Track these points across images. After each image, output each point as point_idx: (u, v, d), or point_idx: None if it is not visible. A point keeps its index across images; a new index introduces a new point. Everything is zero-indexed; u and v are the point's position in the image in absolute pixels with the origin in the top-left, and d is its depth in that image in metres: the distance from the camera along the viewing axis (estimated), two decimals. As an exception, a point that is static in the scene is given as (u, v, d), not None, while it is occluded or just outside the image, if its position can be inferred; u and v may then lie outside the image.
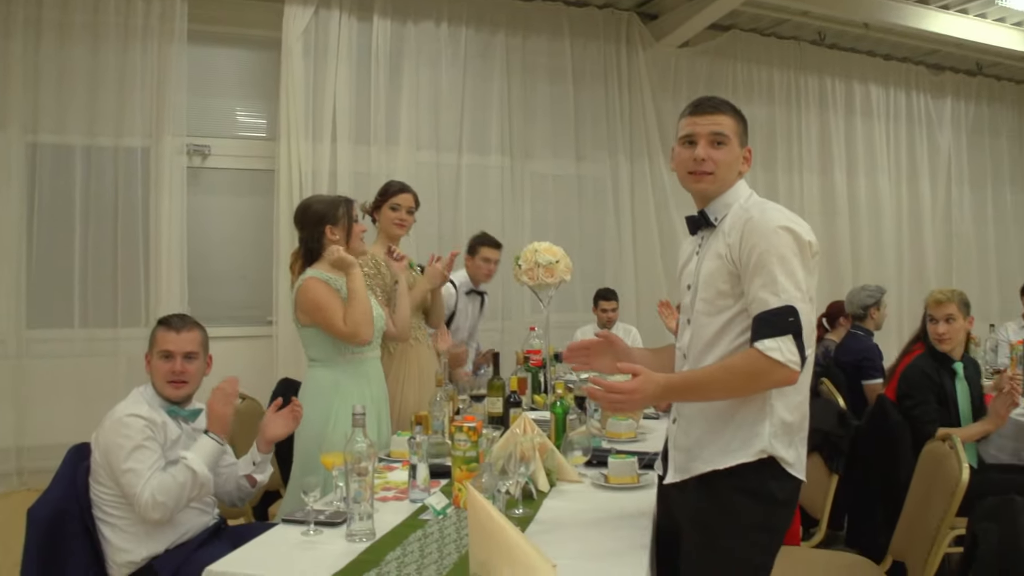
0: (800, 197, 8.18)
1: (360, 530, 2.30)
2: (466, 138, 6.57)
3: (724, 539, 2.13)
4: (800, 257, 2.09)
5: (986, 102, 9.70)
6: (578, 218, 7.01)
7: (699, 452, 2.20)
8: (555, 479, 2.85)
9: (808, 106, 8.32)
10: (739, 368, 2.08)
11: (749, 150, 2.30)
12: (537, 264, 3.62)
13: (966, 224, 9.38)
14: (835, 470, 3.62)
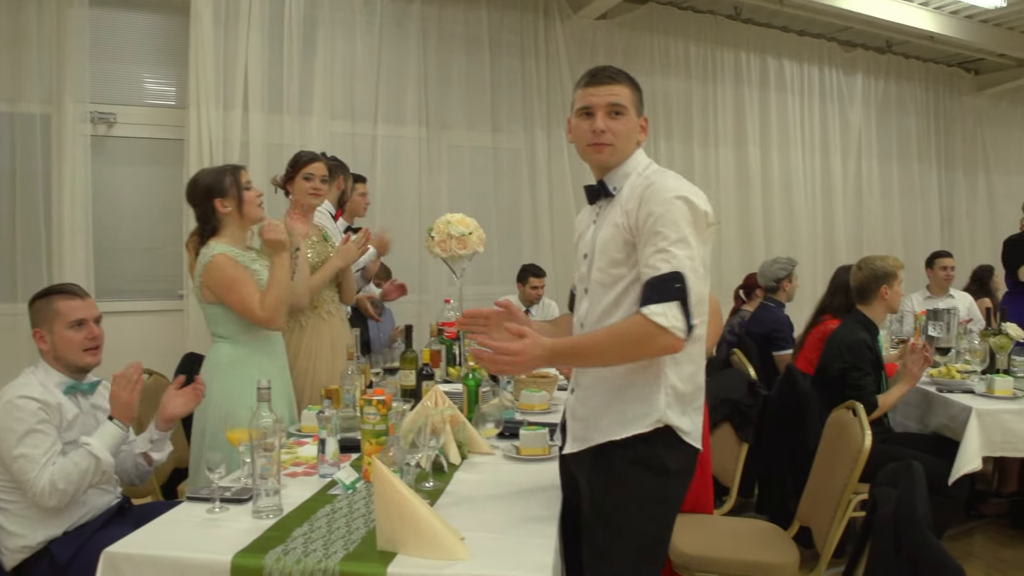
0: (716, 169, 8.28)
1: (267, 506, 2.26)
2: (382, 108, 6.47)
3: (620, 511, 2.15)
4: (694, 227, 2.10)
5: (895, 79, 9.92)
6: (494, 190, 6.98)
7: (595, 423, 2.21)
8: (467, 451, 2.84)
9: (724, 80, 8.40)
10: (625, 333, 2.08)
11: (645, 119, 2.31)
12: (450, 236, 3.59)
13: (875, 198, 9.62)
14: (745, 439, 3.68)
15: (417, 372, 3.48)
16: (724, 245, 8.24)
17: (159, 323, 5.76)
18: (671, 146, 7.97)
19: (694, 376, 2.23)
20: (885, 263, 4.14)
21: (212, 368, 3.23)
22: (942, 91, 10.48)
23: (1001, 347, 4.34)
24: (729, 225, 8.33)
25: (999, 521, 4.90)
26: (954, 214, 10.56)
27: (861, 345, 3.97)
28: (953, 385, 4.14)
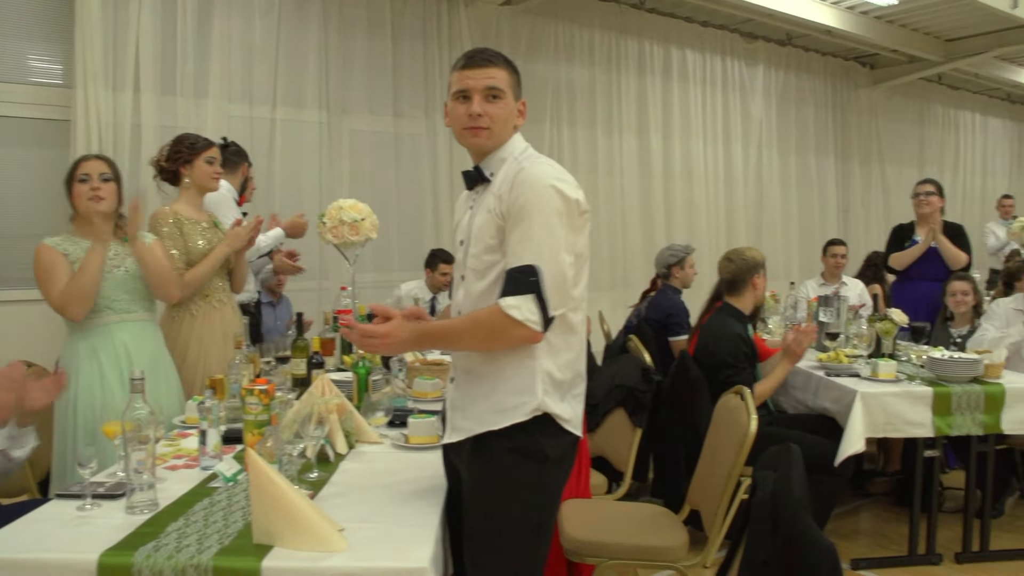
0: (619, 157, 8.34)
1: (141, 501, 2.18)
2: (281, 91, 6.31)
3: (498, 500, 2.15)
4: (564, 216, 2.10)
5: (794, 72, 10.15)
6: (396, 176, 6.89)
7: (473, 412, 2.20)
8: (354, 441, 2.80)
9: (627, 68, 8.46)
10: (483, 322, 2.10)
11: (523, 103, 2.28)
12: (342, 222, 3.52)
13: (774, 187, 9.84)
14: (639, 424, 3.72)
15: (308, 360, 3.41)
16: (627, 232, 8.33)
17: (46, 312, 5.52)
18: (575, 133, 8.00)
19: (572, 364, 2.23)
20: (754, 254, 4.23)
21: (65, 360, 3.19)
22: (839, 84, 10.78)
23: (886, 332, 4.48)
24: (631, 212, 8.42)
25: (884, 499, 5.08)
26: (850, 203, 10.89)
27: (736, 340, 4.05)
28: (840, 369, 4.26)
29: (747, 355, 4.05)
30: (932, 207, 5.67)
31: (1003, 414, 3.96)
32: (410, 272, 6.44)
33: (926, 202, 5.67)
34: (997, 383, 4.01)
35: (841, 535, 4.52)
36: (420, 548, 1.96)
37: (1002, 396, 3.96)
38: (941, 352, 4.17)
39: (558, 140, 7.88)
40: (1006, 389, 3.98)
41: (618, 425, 3.84)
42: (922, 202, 5.68)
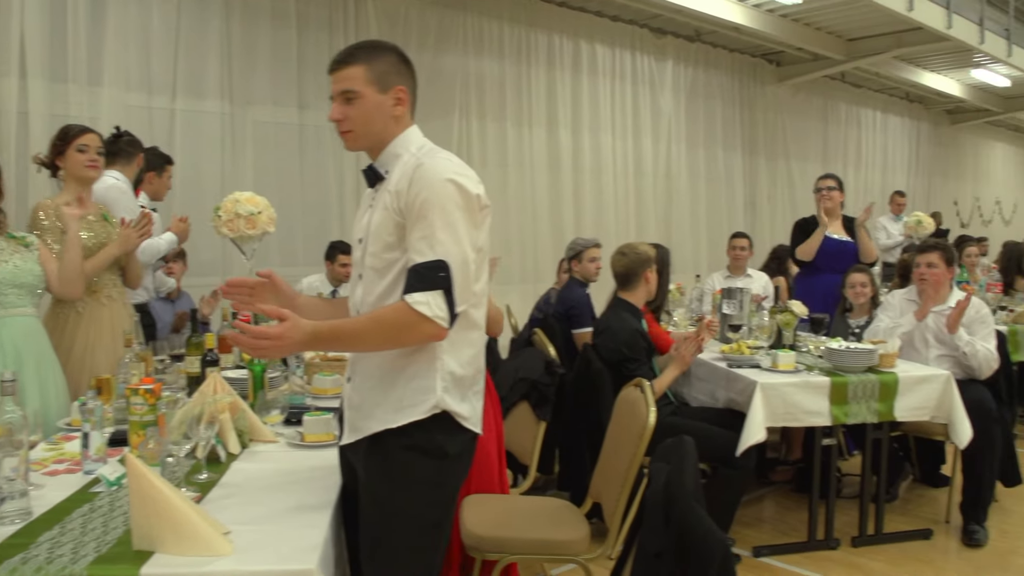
0: (529, 151, 8.35)
1: (12, 511, 2.06)
2: (181, 81, 6.12)
3: (396, 498, 2.11)
4: (464, 210, 2.07)
5: (703, 68, 10.30)
6: (301, 169, 6.76)
7: (372, 410, 2.15)
8: (247, 440, 2.71)
9: (537, 62, 8.46)
10: (387, 320, 2.04)
11: (400, 89, 2.19)
12: (238, 215, 3.42)
13: (683, 181, 9.97)
14: (542, 417, 3.70)
15: (202, 358, 3.31)
16: (537, 225, 8.34)
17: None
18: (484, 126, 7.97)
19: (473, 360, 2.20)
20: (646, 248, 4.27)
21: None
22: (747, 80, 10.98)
23: (786, 323, 4.56)
24: (541, 206, 8.44)
25: (786, 486, 5.18)
26: (756, 197, 11.11)
27: (635, 334, 4.08)
28: (742, 360, 4.31)
29: (645, 349, 4.08)
30: (834, 202, 5.79)
31: (896, 402, 4.06)
32: (316, 266, 6.33)
33: (828, 197, 5.78)
34: (891, 372, 4.12)
35: (745, 523, 4.58)
36: (308, 550, 1.90)
37: (895, 384, 4.07)
38: (839, 343, 4.26)
39: (467, 133, 7.84)
40: (899, 378, 4.09)
41: (522, 418, 3.82)
42: (824, 197, 5.79)
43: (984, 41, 10.63)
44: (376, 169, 2.21)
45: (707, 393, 4.48)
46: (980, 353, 4.49)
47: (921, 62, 12.46)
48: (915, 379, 4.12)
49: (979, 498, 4.37)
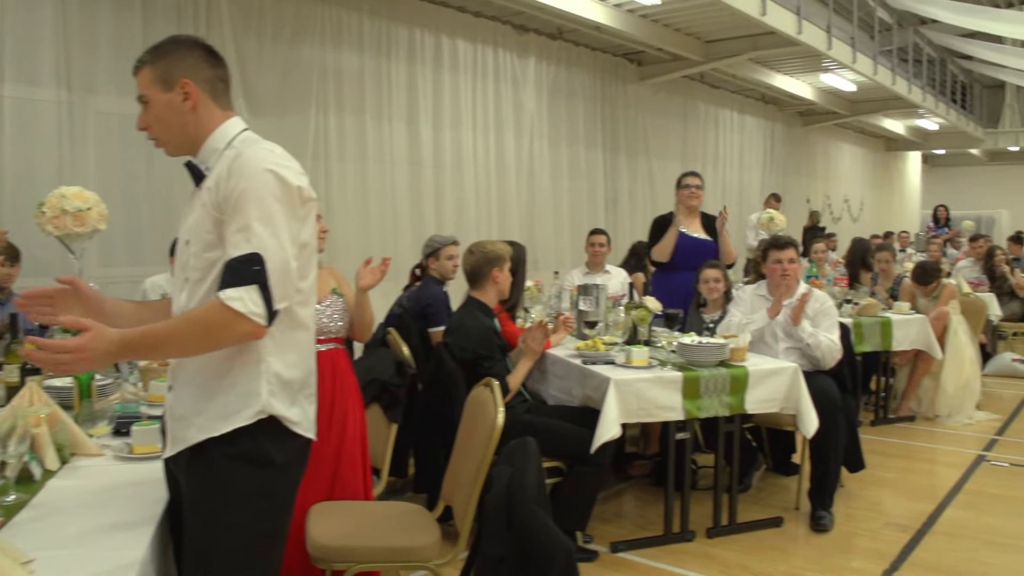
0: (389, 145, 8.20)
1: None
2: (9, 67, 5.70)
3: (221, 511, 1.98)
4: (284, 202, 1.96)
5: (565, 65, 10.34)
6: (147, 163, 6.42)
7: (194, 419, 2.01)
8: (68, 455, 2.52)
9: (398, 56, 8.32)
10: (200, 320, 1.90)
11: (184, 83, 2.04)
12: (64, 211, 3.19)
13: (546, 178, 10.00)
14: (394, 419, 3.62)
15: (21, 367, 3.07)
16: (397, 222, 8.21)
17: None
18: (342, 120, 7.77)
19: (302, 362, 2.09)
20: (495, 247, 4.21)
21: None
22: (608, 79, 11.09)
23: (641, 319, 4.59)
24: (402, 202, 8.31)
25: (645, 480, 5.23)
26: (618, 195, 11.25)
27: (488, 333, 4.03)
28: (596, 357, 4.31)
29: (499, 347, 4.04)
30: (699, 200, 5.87)
31: (747, 395, 4.14)
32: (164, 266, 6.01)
33: (697, 195, 5.86)
34: (741, 366, 4.19)
35: (604, 519, 4.60)
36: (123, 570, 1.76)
37: (746, 378, 4.14)
38: (691, 338, 4.31)
39: (324, 127, 7.64)
40: (749, 371, 4.16)
41: (374, 421, 3.71)
42: (693, 194, 5.85)
43: (832, 47, 11.08)
44: (196, 166, 2.08)
45: (563, 390, 4.46)
46: (823, 344, 4.63)
47: (775, 65, 12.91)
48: (764, 372, 4.21)
49: (825, 485, 4.51)
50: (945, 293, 7.01)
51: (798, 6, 10.04)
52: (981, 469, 5.50)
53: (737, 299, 5.01)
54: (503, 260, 4.14)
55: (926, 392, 6.86)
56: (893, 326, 6.35)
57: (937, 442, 6.21)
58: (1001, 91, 21.47)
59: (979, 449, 5.94)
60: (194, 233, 2.04)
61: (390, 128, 8.23)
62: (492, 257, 4.14)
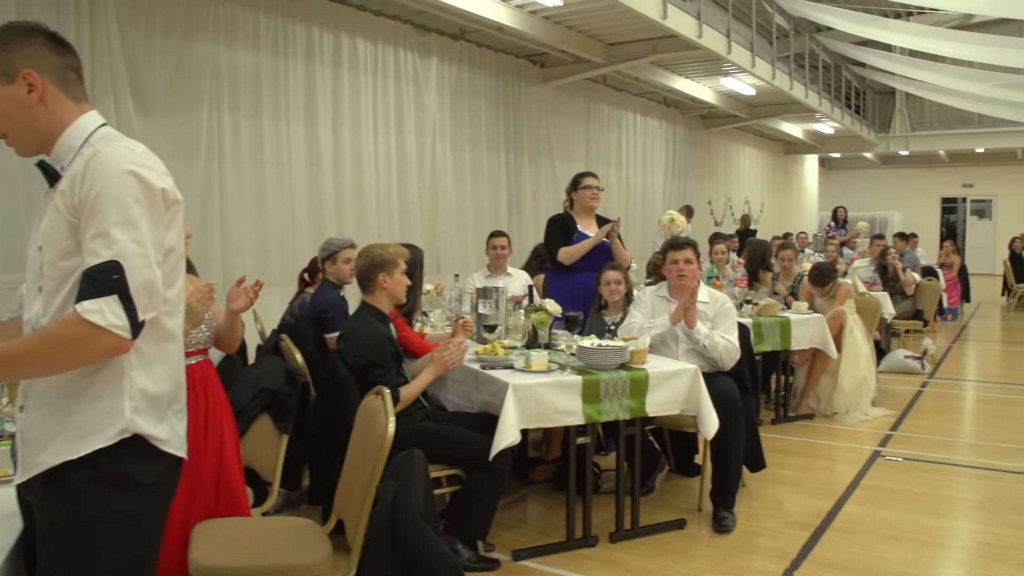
0: (286, 147, 7.99)
1: None
2: None
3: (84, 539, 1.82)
4: (146, 206, 1.80)
5: (468, 66, 10.27)
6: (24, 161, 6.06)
7: (48, 442, 1.83)
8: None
9: (295, 55, 8.11)
10: (56, 336, 1.75)
11: (28, 73, 1.86)
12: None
13: (449, 179, 9.91)
14: (284, 430, 3.46)
15: None
16: (296, 225, 8.01)
17: None
18: (237, 120, 7.53)
19: (169, 375, 1.94)
20: (385, 251, 4.02)
21: None
22: (512, 80, 11.07)
23: (541, 322, 4.51)
24: (300, 204, 8.11)
25: (548, 485, 5.15)
26: (521, 196, 11.22)
27: (381, 340, 3.89)
28: (495, 362, 4.20)
29: (393, 354, 3.90)
30: (599, 201, 5.84)
31: (647, 397, 4.08)
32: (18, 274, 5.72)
33: (597, 196, 5.82)
34: (641, 369, 4.13)
35: (506, 526, 4.50)
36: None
37: (646, 380, 4.09)
38: (591, 341, 4.24)
39: (218, 128, 7.39)
40: (649, 374, 4.11)
41: (264, 432, 3.55)
42: (595, 196, 5.81)
43: (731, 51, 11.26)
44: (50, 165, 1.90)
45: (463, 396, 4.35)
46: (720, 345, 4.62)
47: (676, 69, 13.08)
48: (664, 374, 4.16)
49: (727, 485, 4.50)
50: (841, 292, 7.14)
51: (698, 10, 10.17)
52: (877, 464, 5.59)
53: (638, 300, 4.97)
54: (392, 264, 3.97)
55: (824, 390, 6.97)
56: (792, 326, 6.43)
57: (835, 439, 6.30)
58: (892, 97, 22.25)
59: (875, 445, 6.05)
60: (48, 239, 1.86)
61: (287, 129, 8.03)
62: (378, 262, 3.98)
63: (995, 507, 4.84)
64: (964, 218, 25.77)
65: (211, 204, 7.33)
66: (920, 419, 6.89)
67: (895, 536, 4.38)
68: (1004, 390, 8.33)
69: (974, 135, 21.70)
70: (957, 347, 11.04)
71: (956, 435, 6.52)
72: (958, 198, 25.73)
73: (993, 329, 13.52)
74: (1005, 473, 5.44)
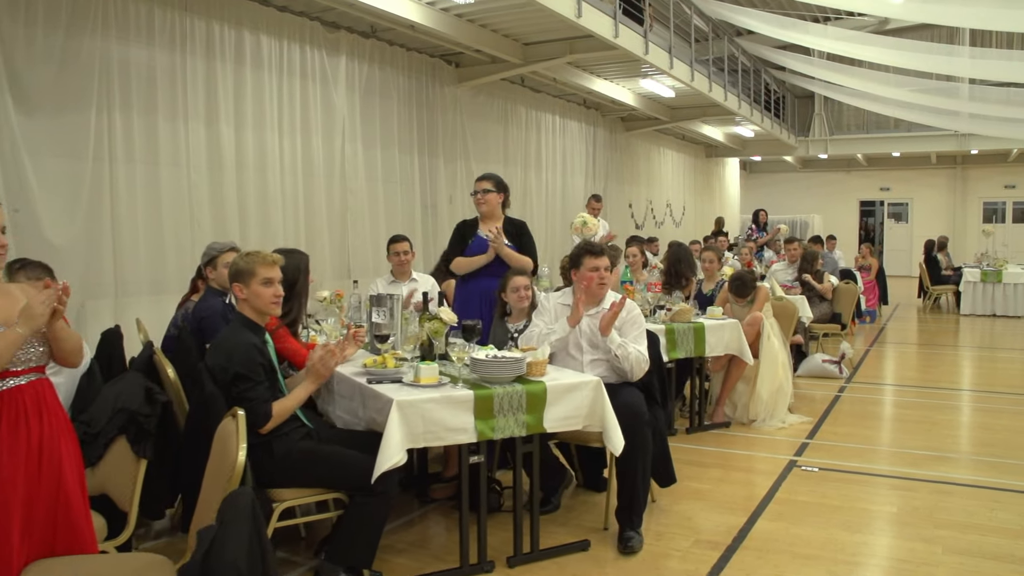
0: (185, 147, 7.57)
1: None
2: None
3: None
4: None
5: (379, 65, 9.93)
6: None
7: None
8: None
9: (194, 51, 7.68)
10: None
11: None
12: None
13: (360, 182, 9.55)
14: (142, 454, 3.13)
15: None
16: (195, 228, 7.59)
17: None
18: (129, 119, 7.08)
19: None
20: (242, 260, 3.64)
21: None
22: (426, 81, 10.76)
23: (435, 332, 4.22)
24: (201, 207, 7.70)
25: (448, 503, 4.86)
26: (437, 199, 10.92)
27: (250, 351, 3.55)
28: (383, 375, 3.88)
29: (265, 367, 3.57)
30: (490, 205, 5.53)
31: (546, 413, 3.81)
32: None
33: (483, 200, 5.52)
34: (539, 382, 3.86)
35: (398, 550, 4.23)
36: None
37: (544, 394, 3.82)
38: (487, 352, 3.95)
39: (109, 127, 6.93)
40: (547, 387, 3.84)
41: (121, 456, 3.21)
42: (480, 201, 5.52)
43: (648, 52, 11.12)
44: None
45: (350, 412, 4.02)
46: (632, 355, 4.40)
47: (595, 70, 12.92)
48: (564, 387, 3.90)
49: (634, 503, 4.26)
50: (759, 297, 6.99)
51: (615, 10, 10.00)
52: (792, 475, 5.43)
53: (541, 308, 4.72)
54: (247, 275, 3.58)
55: (740, 397, 6.81)
56: (706, 332, 6.26)
57: (751, 448, 6.14)
58: (811, 101, 22.52)
59: (791, 454, 5.89)
60: None
61: (185, 128, 7.60)
62: (233, 272, 3.63)
63: (910, 519, 4.70)
64: (882, 221, 26.22)
65: (100, 206, 6.87)
66: (837, 426, 6.78)
67: (808, 555, 4.19)
68: (920, 394, 8.30)
69: (891, 139, 22.09)
70: (875, 350, 11.06)
71: (873, 442, 6.40)
72: (876, 201, 26.17)
73: (910, 331, 13.64)
74: (921, 482, 5.32)
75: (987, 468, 5.62)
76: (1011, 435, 6.69)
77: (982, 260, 15.66)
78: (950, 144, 21.11)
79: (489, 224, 5.44)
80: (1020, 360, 10.69)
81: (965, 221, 24.28)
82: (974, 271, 15.09)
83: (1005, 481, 5.30)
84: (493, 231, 5.33)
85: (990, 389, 8.48)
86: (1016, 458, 5.88)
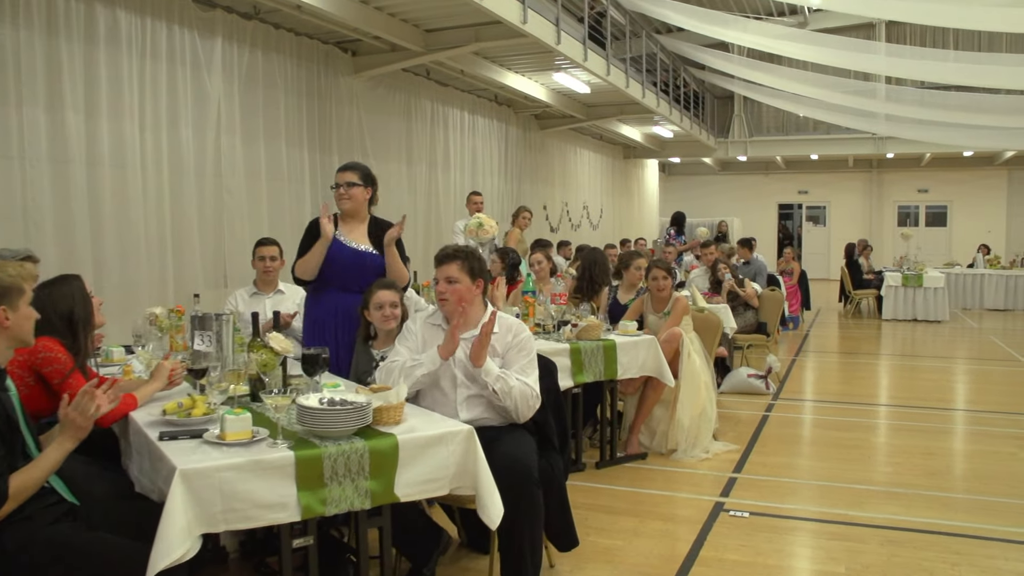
0: (22, 137, 6.49)
1: None
2: None
3: None
4: None
5: (262, 50, 8.92)
6: None
7: None
8: None
9: (32, 26, 6.59)
10: None
11: None
12: None
13: (239, 179, 8.53)
14: None
15: None
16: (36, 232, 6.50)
17: None
18: (-59, 102, 5.99)
19: None
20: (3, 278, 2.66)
21: None
22: (318, 69, 9.79)
23: (265, 365, 3.28)
24: (42, 207, 6.62)
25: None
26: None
27: None
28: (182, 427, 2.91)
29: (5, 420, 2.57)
30: (355, 201, 4.63)
31: (398, 476, 2.86)
32: None
33: (347, 195, 4.61)
34: (389, 434, 2.93)
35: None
36: None
37: (395, 452, 2.87)
38: (319, 398, 2.98)
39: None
40: (400, 442, 2.90)
41: None
42: (342, 195, 4.62)
43: (561, 42, 10.33)
44: None
45: (146, 475, 3.03)
46: (515, 391, 3.50)
47: (504, 61, 12.12)
48: (423, 441, 2.95)
49: (522, 575, 3.38)
50: (677, 309, 6.17)
51: (524, -7, 9.16)
52: (720, 523, 4.59)
53: (406, 332, 3.78)
54: (15, 293, 2.64)
55: (658, 423, 5.99)
56: (618, 350, 5.43)
57: (672, 486, 5.28)
58: (731, 102, 22.16)
59: (717, 494, 5.06)
60: None
61: (20, 115, 6.52)
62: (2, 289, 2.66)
63: (859, 582, 3.92)
64: (800, 224, 26.04)
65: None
66: (766, 455, 5.98)
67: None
68: (852, 411, 7.59)
69: (809, 142, 21.90)
70: (800, 360, 10.42)
71: (808, 475, 5.56)
72: (794, 204, 26.00)
73: (834, 339, 13.11)
74: (867, 529, 4.53)
75: (939, 507, 4.88)
76: (953, 460, 6.03)
77: (902, 264, 15.32)
78: (867, 147, 21.09)
79: (352, 225, 4.53)
80: (946, 370, 10.16)
81: (881, 224, 24.34)
82: (895, 275, 14.72)
83: (961, 524, 4.56)
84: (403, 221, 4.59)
85: (925, 404, 7.84)
86: (965, 491, 5.19)
